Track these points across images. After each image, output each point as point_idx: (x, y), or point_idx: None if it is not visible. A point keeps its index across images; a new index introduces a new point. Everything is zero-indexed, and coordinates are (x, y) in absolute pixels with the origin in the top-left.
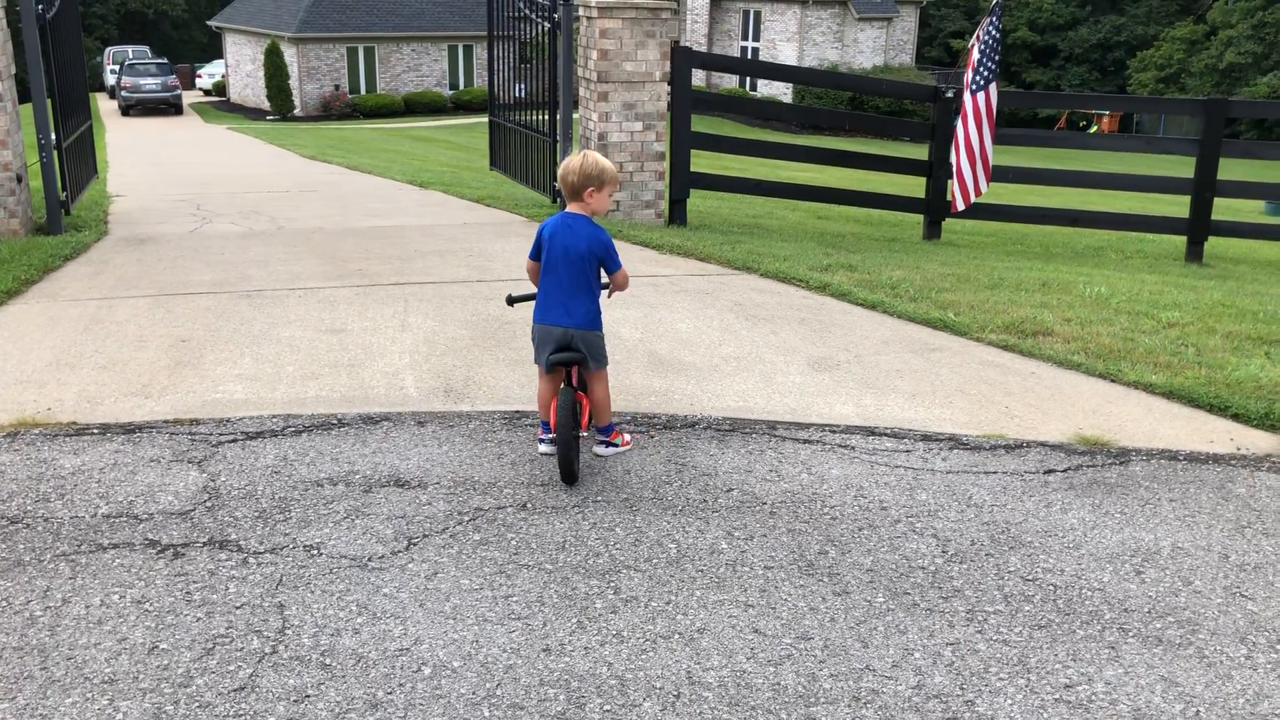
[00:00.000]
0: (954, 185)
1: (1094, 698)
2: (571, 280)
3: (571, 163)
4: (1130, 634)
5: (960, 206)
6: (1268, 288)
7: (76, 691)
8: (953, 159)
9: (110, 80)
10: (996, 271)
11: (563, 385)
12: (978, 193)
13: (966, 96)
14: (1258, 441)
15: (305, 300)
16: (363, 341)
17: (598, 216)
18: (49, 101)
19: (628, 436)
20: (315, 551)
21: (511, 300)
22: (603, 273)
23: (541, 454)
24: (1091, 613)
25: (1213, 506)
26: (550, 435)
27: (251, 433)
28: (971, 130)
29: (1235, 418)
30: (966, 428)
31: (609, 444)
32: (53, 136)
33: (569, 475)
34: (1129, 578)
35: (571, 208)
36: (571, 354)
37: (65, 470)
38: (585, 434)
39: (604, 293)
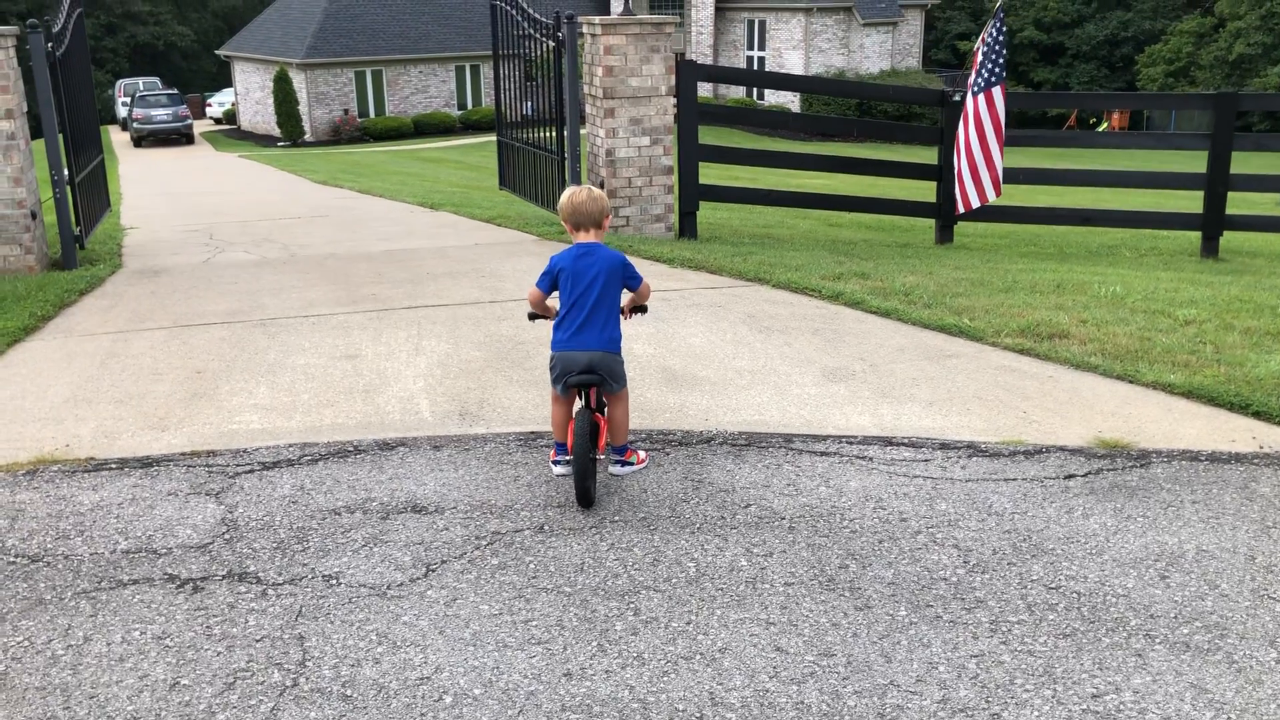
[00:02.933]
0: (955, 189)
1: (1122, 707)
2: (597, 307)
3: (592, 193)
4: (1157, 640)
5: (961, 210)
6: None
7: None
8: (954, 162)
9: (122, 112)
10: (1010, 274)
11: (581, 407)
12: (983, 199)
13: (968, 99)
14: None
15: (319, 327)
16: (377, 366)
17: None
18: (60, 137)
19: (643, 454)
20: (334, 581)
21: (533, 316)
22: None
23: (556, 475)
24: (1117, 619)
25: (1236, 507)
26: (565, 457)
27: (268, 463)
28: (973, 133)
29: (1257, 415)
30: (984, 434)
31: (624, 463)
32: (65, 172)
33: (586, 499)
34: (1153, 583)
35: (583, 238)
36: (591, 376)
37: (84, 506)
38: (601, 456)
39: (629, 315)
